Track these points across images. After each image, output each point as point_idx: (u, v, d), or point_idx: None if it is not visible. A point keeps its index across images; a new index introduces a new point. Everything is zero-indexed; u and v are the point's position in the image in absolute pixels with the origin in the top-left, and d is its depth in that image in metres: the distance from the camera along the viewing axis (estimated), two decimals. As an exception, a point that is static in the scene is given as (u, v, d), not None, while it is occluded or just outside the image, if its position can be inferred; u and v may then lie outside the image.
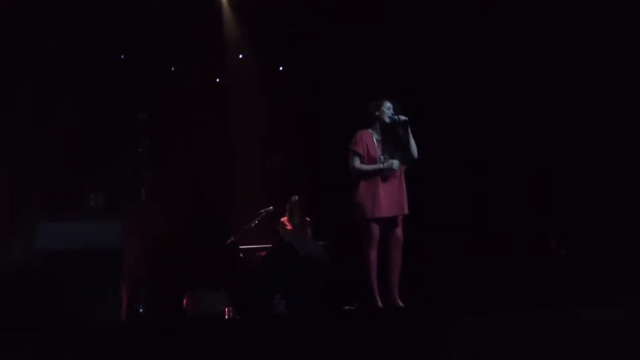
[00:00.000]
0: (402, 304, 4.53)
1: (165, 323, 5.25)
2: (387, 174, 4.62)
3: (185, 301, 6.46)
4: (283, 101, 7.62)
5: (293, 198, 6.67)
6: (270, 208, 6.73)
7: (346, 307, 5.49)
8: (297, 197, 6.67)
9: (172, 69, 8.05)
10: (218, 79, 8.37)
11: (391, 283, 4.58)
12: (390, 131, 4.71)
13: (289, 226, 6.58)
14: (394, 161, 4.60)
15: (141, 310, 6.35)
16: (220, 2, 7.80)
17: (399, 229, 4.63)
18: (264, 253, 6.19)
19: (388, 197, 4.58)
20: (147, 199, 6.80)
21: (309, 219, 6.64)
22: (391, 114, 4.69)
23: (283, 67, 8.26)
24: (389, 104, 4.73)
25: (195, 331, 4.07)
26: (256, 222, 6.69)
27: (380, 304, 4.54)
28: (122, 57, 7.78)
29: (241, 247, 6.71)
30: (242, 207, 7.35)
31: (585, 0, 5.80)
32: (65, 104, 7.22)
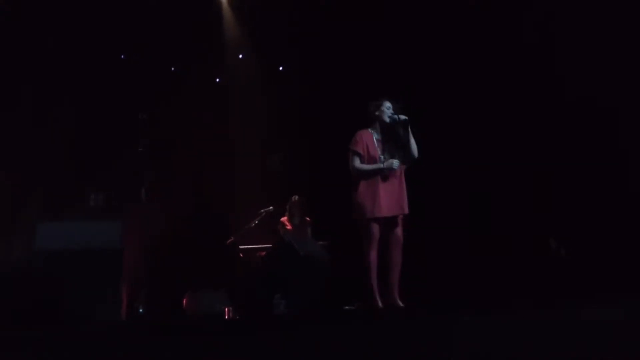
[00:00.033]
0: (402, 304, 4.53)
1: (165, 323, 5.25)
2: (387, 173, 4.62)
3: (185, 301, 6.46)
4: (283, 101, 7.62)
5: (293, 198, 6.67)
6: (270, 208, 6.73)
7: (346, 307, 5.49)
8: (297, 197, 6.67)
9: (172, 69, 8.06)
10: (218, 79, 8.37)
11: (391, 283, 4.58)
12: (390, 131, 4.71)
13: (289, 226, 6.58)
14: (394, 161, 4.60)
15: (141, 310, 6.35)
16: (220, 2, 7.80)
17: (399, 228, 4.63)
18: (264, 253, 6.19)
19: (388, 197, 4.58)
20: (147, 199, 6.80)
21: (309, 219, 6.64)
22: (391, 113, 4.69)
23: (283, 67, 8.26)
24: (388, 104, 4.73)
25: (195, 331, 4.07)
26: (256, 222, 6.70)
27: (380, 304, 4.54)
28: (122, 57, 7.79)
29: (241, 247, 6.71)
30: (242, 207, 7.35)
31: (585, 0, 5.80)
32: (65, 104, 7.22)
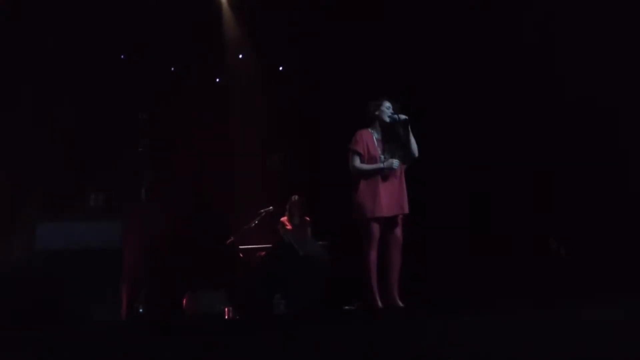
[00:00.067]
0: (402, 304, 4.53)
1: (165, 323, 5.25)
2: (388, 173, 4.61)
3: (185, 301, 6.47)
4: (283, 101, 7.62)
5: (293, 198, 6.67)
6: (270, 208, 6.73)
7: (346, 307, 5.50)
8: (297, 197, 6.67)
9: (172, 69, 8.05)
10: (218, 79, 8.37)
11: (391, 283, 4.57)
12: (390, 130, 4.70)
13: (289, 226, 6.57)
14: (394, 160, 4.60)
15: (141, 310, 6.34)
16: (220, 2, 7.80)
17: (399, 228, 4.62)
18: (264, 253, 6.19)
19: (388, 197, 4.58)
20: (147, 199, 6.79)
21: (308, 218, 6.64)
22: (391, 113, 4.68)
23: (283, 67, 8.26)
24: (388, 104, 4.72)
25: (195, 331, 4.07)
26: (256, 222, 6.69)
27: (380, 304, 4.53)
28: (122, 57, 7.79)
29: (241, 247, 6.71)
30: (242, 207, 7.34)
31: (585, 0, 5.80)
32: (65, 104, 7.22)
